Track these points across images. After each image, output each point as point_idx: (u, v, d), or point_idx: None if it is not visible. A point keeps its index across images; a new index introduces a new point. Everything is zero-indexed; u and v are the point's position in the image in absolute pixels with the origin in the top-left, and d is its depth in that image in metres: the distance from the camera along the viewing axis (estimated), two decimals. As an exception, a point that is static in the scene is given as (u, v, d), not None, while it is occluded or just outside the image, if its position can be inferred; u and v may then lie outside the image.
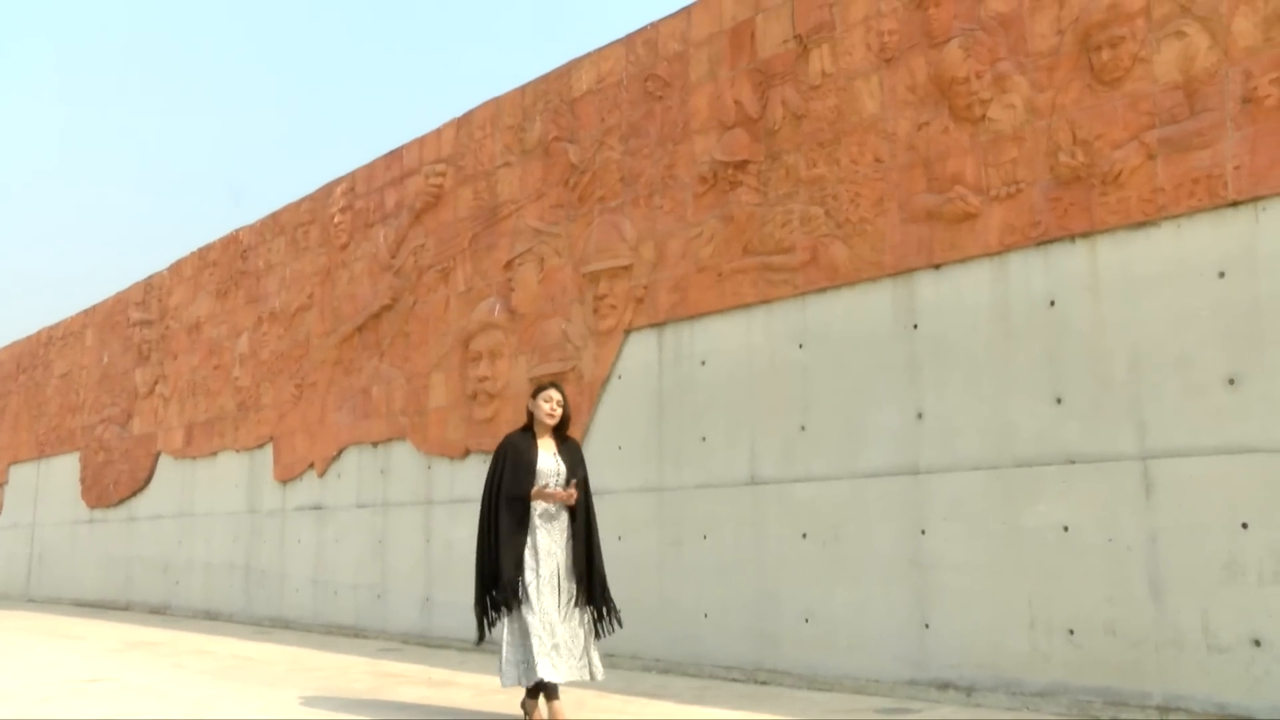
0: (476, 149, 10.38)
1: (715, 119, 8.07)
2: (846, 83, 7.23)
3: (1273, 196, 5.36)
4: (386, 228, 11.43)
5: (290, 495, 12.63)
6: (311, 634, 11.57)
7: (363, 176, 11.99)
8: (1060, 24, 6.20)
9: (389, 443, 11.11)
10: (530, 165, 9.72)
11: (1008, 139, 6.35)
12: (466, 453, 10.05)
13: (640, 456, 8.37)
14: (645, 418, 8.39)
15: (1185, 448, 5.54)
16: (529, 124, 9.79)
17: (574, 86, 9.38)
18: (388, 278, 11.29)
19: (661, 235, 8.36)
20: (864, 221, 6.98)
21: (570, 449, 6.13)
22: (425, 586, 10.42)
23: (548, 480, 5.91)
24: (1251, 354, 5.37)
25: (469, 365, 10.05)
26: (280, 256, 13.28)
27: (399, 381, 10.99)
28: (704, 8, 8.32)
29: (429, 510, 10.49)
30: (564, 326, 9.11)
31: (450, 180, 10.65)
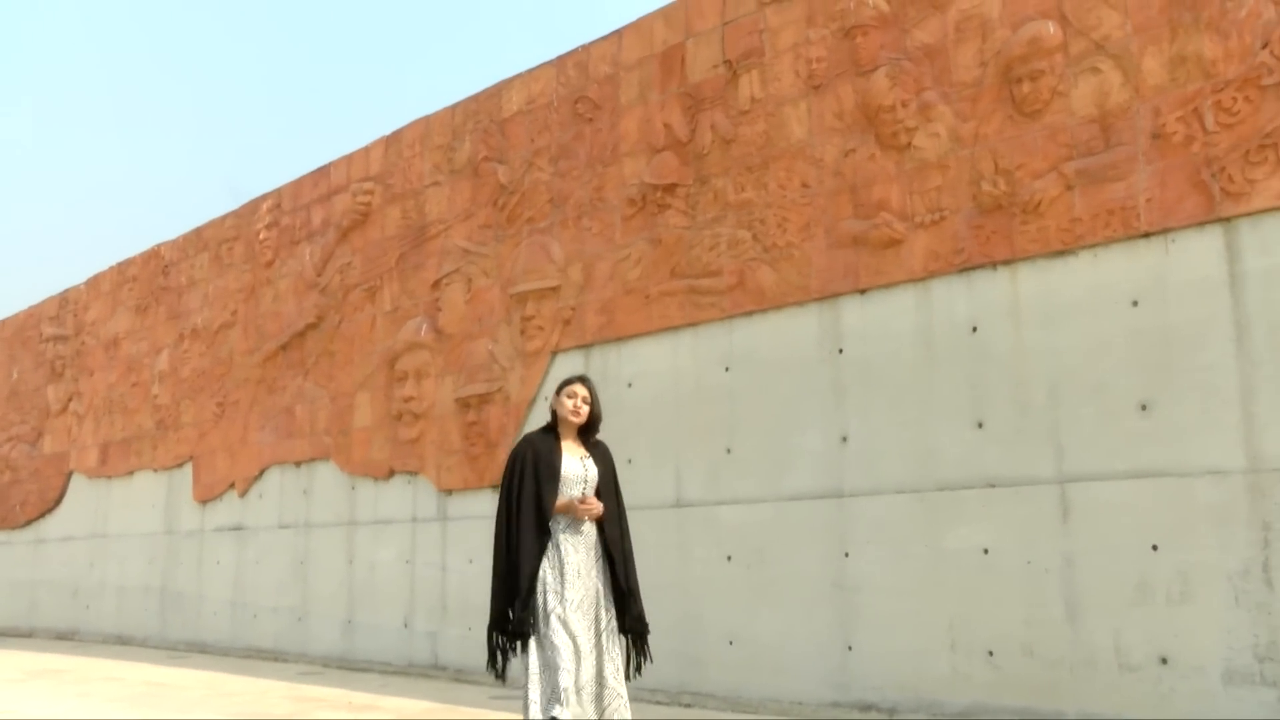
0: (405, 168, 10.31)
1: (645, 142, 8.11)
2: (775, 108, 7.31)
3: (1182, 229, 5.52)
4: (313, 245, 11.29)
5: (210, 516, 12.37)
6: (229, 658, 11.32)
7: (289, 193, 11.84)
8: (983, 56, 6.34)
9: (312, 463, 10.94)
10: (459, 185, 9.68)
11: (932, 167, 6.47)
12: (391, 473, 9.93)
13: (567, 478, 8.32)
14: (572, 439, 8.35)
15: (1100, 472, 5.66)
16: (458, 144, 9.75)
17: (504, 107, 9.36)
18: (313, 296, 11.14)
19: (590, 257, 8.37)
20: (791, 246, 7.06)
21: (601, 453, 5.19)
22: (347, 609, 10.26)
23: (574, 489, 4.98)
24: (1162, 381, 5.51)
25: (394, 385, 9.94)
26: (203, 272, 13.04)
27: (323, 401, 10.84)
28: (635, 31, 8.37)
29: (352, 531, 10.34)
30: (491, 347, 9.06)
31: (378, 199, 10.56)
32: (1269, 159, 5.29)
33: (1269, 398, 5.20)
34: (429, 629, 9.33)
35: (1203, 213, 5.47)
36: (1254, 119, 5.36)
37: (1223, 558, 5.23)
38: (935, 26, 6.59)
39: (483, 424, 9.01)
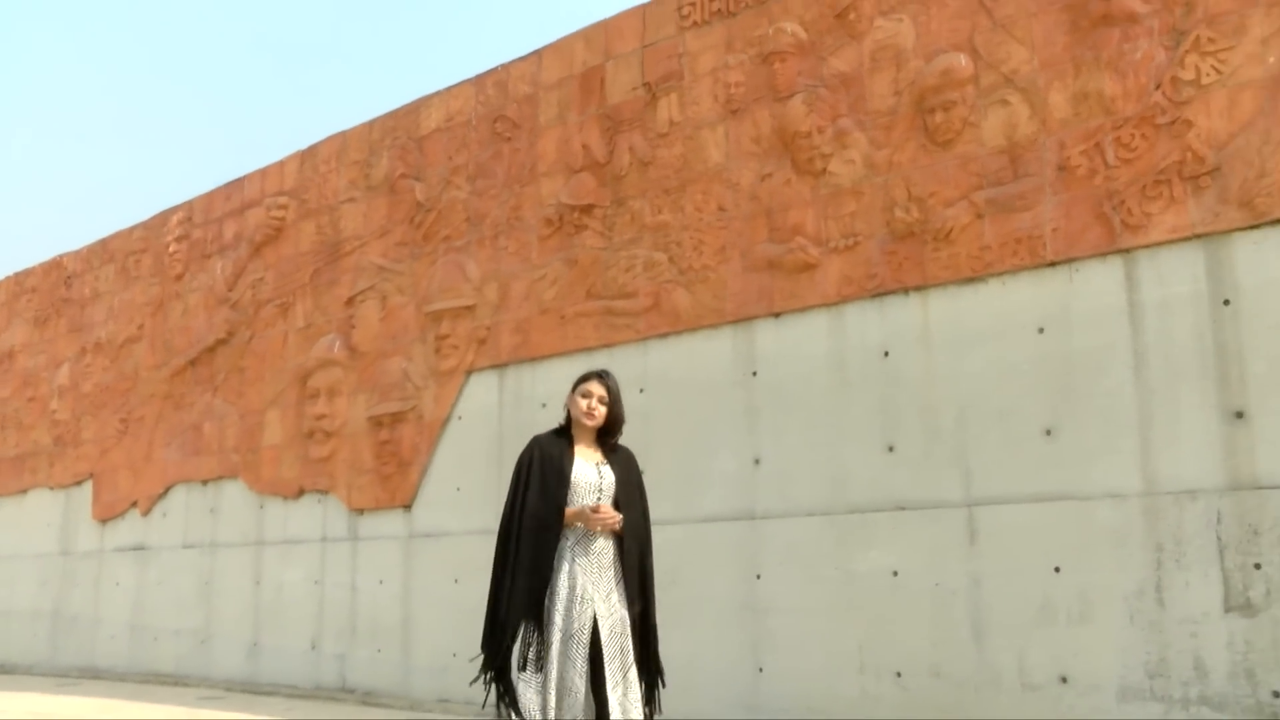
0: (321, 183, 10.17)
1: (563, 162, 8.11)
2: (693, 132, 7.37)
3: (1085, 259, 5.68)
4: (224, 259, 11.07)
5: (110, 535, 12.00)
6: (126, 684, 10.97)
7: (200, 206, 11.60)
8: (898, 85, 6.46)
9: (219, 481, 10.69)
10: (375, 201, 9.58)
11: (847, 193, 6.57)
12: (301, 492, 9.74)
13: (479, 498, 8.25)
14: (485, 459, 8.29)
15: (1006, 495, 5.78)
16: (375, 160, 9.65)
17: (422, 124, 9.30)
18: (224, 311, 10.91)
19: (506, 276, 8.33)
20: (706, 269, 7.10)
21: (622, 460, 4.51)
22: (253, 630, 10.02)
23: (586, 498, 4.31)
24: (1066, 407, 5.64)
25: (306, 403, 9.77)
26: (109, 285, 12.70)
27: (232, 418, 10.61)
28: (555, 52, 8.39)
29: (260, 551, 10.11)
30: (405, 366, 8.96)
31: (292, 213, 10.40)
32: (1164, 194, 5.47)
33: (1164, 424, 5.36)
34: (337, 651, 9.16)
35: (1104, 244, 5.63)
36: (1150, 155, 5.54)
37: (1120, 579, 5.36)
38: (851, 55, 6.70)
39: (395, 443, 8.90)
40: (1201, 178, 5.38)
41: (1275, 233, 5.19)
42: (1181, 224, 5.42)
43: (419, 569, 8.60)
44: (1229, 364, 5.25)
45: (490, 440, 8.29)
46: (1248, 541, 5.07)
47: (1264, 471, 5.08)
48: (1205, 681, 5.09)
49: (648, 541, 4.46)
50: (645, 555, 4.42)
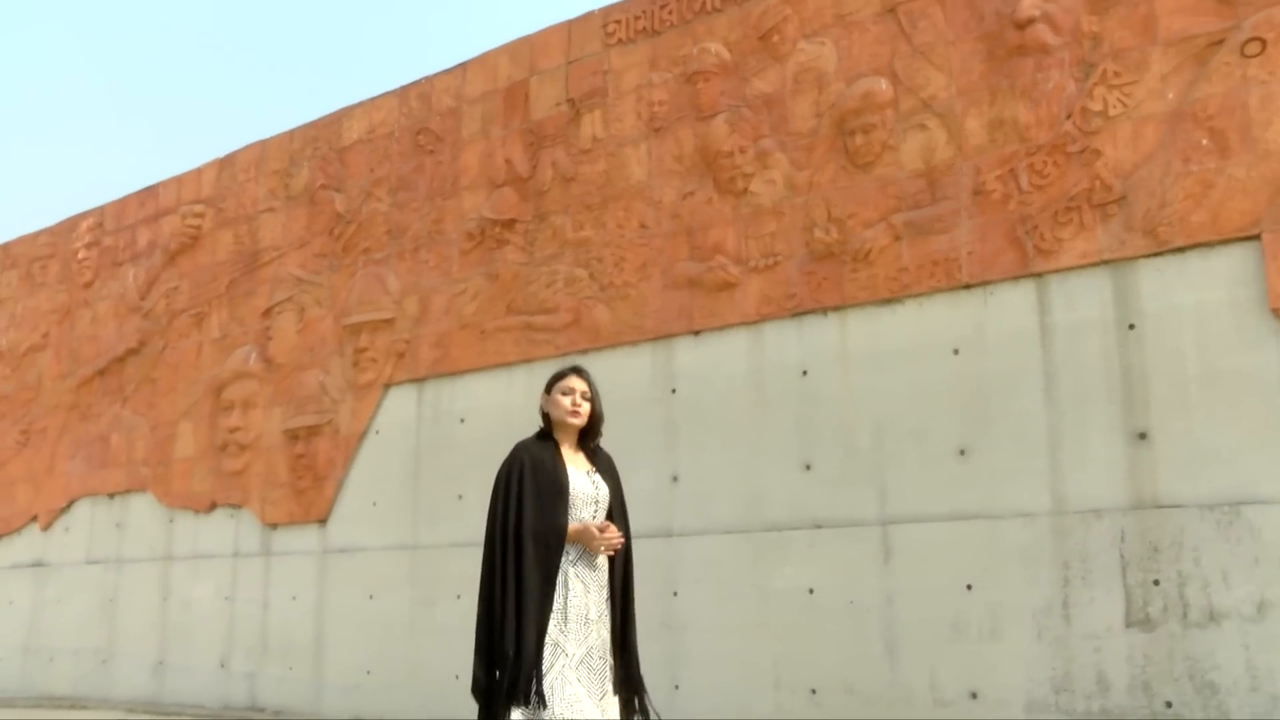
0: (239, 192, 10.00)
1: (485, 176, 8.07)
2: (616, 149, 7.38)
3: (999, 282, 5.80)
4: (137, 267, 10.81)
5: (4, 552, 11.61)
6: (15, 708, 10.59)
7: (112, 212, 11.32)
8: (819, 108, 6.55)
9: (127, 494, 10.40)
10: (295, 212, 9.44)
11: (767, 213, 6.63)
12: (213, 506, 9.52)
13: (395, 513, 8.16)
14: (402, 474, 8.20)
15: (920, 514, 5.86)
16: (295, 170, 9.52)
17: (344, 135, 9.20)
18: (135, 320, 10.65)
19: (426, 290, 8.26)
20: (627, 286, 7.12)
21: (605, 465, 4.17)
22: (159, 649, 9.75)
23: (583, 512, 3.95)
24: (979, 427, 5.74)
25: (220, 415, 9.57)
26: (11, 291, 12.31)
27: (142, 430, 10.35)
28: (480, 65, 8.36)
29: (168, 566, 9.86)
30: (322, 378, 8.82)
31: (209, 222, 10.20)
32: (1074, 220, 5.61)
33: (1073, 444, 5.48)
34: (247, 669, 8.96)
35: (1018, 267, 5.75)
36: (1061, 182, 5.68)
37: (1028, 596, 5.46)
38: (774, 77, 6.78)
39: (311, 456, 8.75)
40: (1109, 206, 5.53)
41: (1176, 260, 5.35)
42: (1090, 250, 5.56)
43: (333, 585, 8.46)
44: (1134, 386, 5.39)
45: (408, 455, 8.20)
46: (1148, 559, 5.20)
47: (1164, 491, 5.22)
48: (1106, 695, 5.20)
49: (630, 559, 4.11)
50: (629, 570, 4.09)
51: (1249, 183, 5.19)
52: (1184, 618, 5.08)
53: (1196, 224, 5.30)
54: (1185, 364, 5.27)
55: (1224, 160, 5.26)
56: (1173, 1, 5.52)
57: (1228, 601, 4.99)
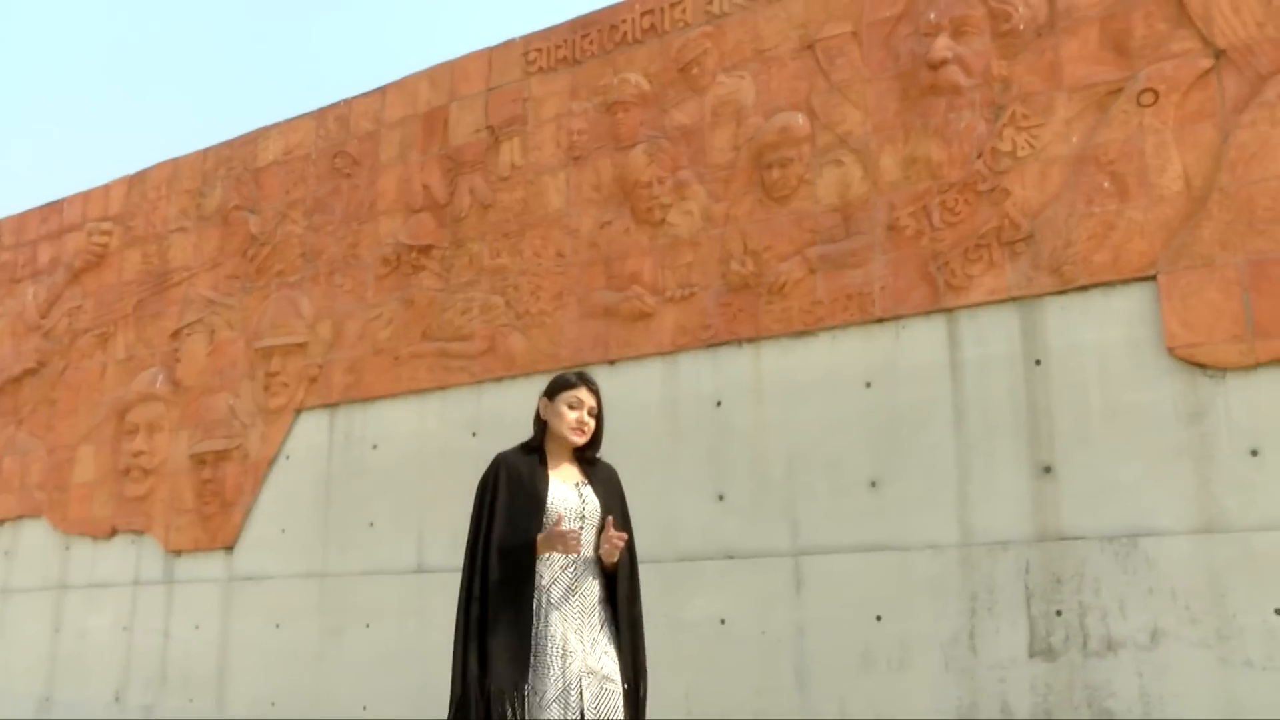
0: (149, 210, 9.78)
1: (402, 201, 8.01)
2: (535, 177, 7.38)
3: (911, 316, 5.90)
4: (38, 285, 10.50)
5: (-104, 577, 11.13)
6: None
7: (11, 227, 10.99)
8: (737, 140, 6.62)
9: (19, 520, 10.04)
10: (207, 232, 9.26)
11: (684, 244, 6.67)
12: (113, 532, 9.24)
13: (304, 540, 8.00)
14: (312, 500, 8.05)
15: (831, 545, 5.91)
16: (209, 189, 9.35)
17: (259, 155, 9.06)
18: (35, 339, 10.33)
19: (340, 315, 8.16)
20: (543, 314, 7.10)
21: (604, 478, 3.85)
22: (46, 684, 9.41)
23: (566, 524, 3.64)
24: (890, 459, 5.82)
25: (124, 438, 9.31)
26: (-93, 308, 11.88)
27: (38, 453, 10.02)
28: (399, 89, 8.31)
29: (62, 596, 9.54)
30: (232, 402, 8.65)
31: (117, 240, 9.96)
32: (984, 257, 5.73)
33: (980, 477, 5.58)
34: (144, 702, 8.69)
35: (929, 303, 5.86)
36: (972, 220, 5.81)
37: (937, 627, 5.54)
38: (693, 109, 6.84)
39: (218, 482, 8.56)
40: (1017, 244, 5.66)
41: (1080, 299, 5.49)
42: (999, 287, 5.69)
43: (239, 613, 8.26)
44: (1039, 421, 5.51)
45: (318, 481, 8.06)
46: (1051, 590, 5.31)
47: (1067, 523, 5.33)
48: (1013, 727, 5.29)
49: (637, 583, 3.72)
50: (635, 603, 3.70)
51: (1146, 225, 5.35)
52: (1084, 647, 5.19)
53: (1099, 264, 5.45)
54: (1088, 399, 5.41)
55: (1123, 203, 5.43)
56: (1076, 50, 5.69)
57: (1124, 631, 5.11)
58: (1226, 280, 5.13)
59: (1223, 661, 4.88)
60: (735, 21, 6.82)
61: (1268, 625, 4.82)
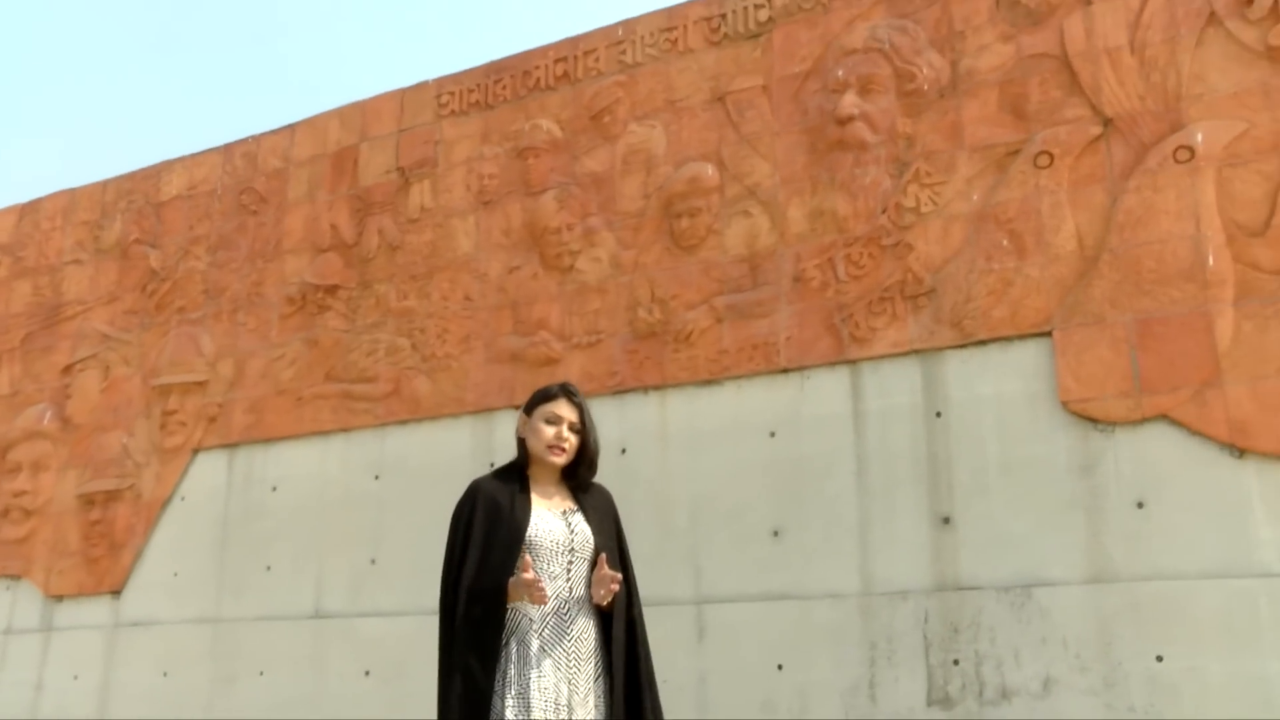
0: (42, 240, 9.49)
1: (309, 240, 7.91)
2: (444, 219, 7.35)
3: (815, 367, 5.98)
4: (-78, 316, 10.11)
5: None
6: None
7: (-101, 257, 10.57)
8: (647, 189, 6.68)
9: (-106, 562, 9.57)
10: (104, 266, 9.02)
11: (592, 290, 6.69)
12: (-11, 576, 8.84)
13: (197, 584, 7.76)
14: (207, 543, 7.82)
15: (734, 594, 5.91)
16: (108, 222, 9.12)
17: (163, 190, 8.88)
18: (-83, 372, 9.92)
19: (243, 353, 7.99)
20: (449, 358, 7.05)
21: (598, 505, 3.40)
22: (-83, 733, 8.94)
23: (551, 561, 3.19)
24: (793, 509, 5.87)
25: (5, 478, 8.96)
26: None
27: (-84, 491, 9.59)
28: (309, 128, 8.23)
29: (-64, 642, 9.08)
30: (125, 441, 8.39)
31: (6, 270, 9.63)
32: (887, 310, 5.85)
33: (881, 527, 5.65)
34: (18, 755, 8.30)
35: (833, 354, 5.95)
36: (876, 274, 5.93)
37: (837, 676, 5.56)
38: (604, 156, 6.89)
39: (107, 523, 8.27)
40: (919, 298, 5.79)
41: (979, 353, 5.63)
42: (901, 339, 5.80)
43: (123, 662, 7.95)
44: (939, 472, 5.61)
45: (214, 523, 7.84)
46: (949, 639, 5.38)
47: (965, 573, 5.42)
48: (910, 777, 5.32)
49: (641, 624, 3.29)
50: (640, 641, 3.26)
51: (1042, 282, 5.52)
52: (980, 696, 5.26)
53: (997, 319, 5.59)
54: (986, 451, 5.52)
55: (1021, 260, 5.59)
56: (977, 111, 5.88)
57: (1018, 679, 5.20)
58: (1116, 338, 5.31)
59: (1109, 708, 4.99)
60: (648, 71, 6.90)
61: (1150, 672, 4.95)
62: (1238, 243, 5.18)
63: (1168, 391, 5.15)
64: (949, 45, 6.05)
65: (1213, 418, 5.05)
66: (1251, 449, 4.97)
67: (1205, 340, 5.13)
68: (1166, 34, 5.52)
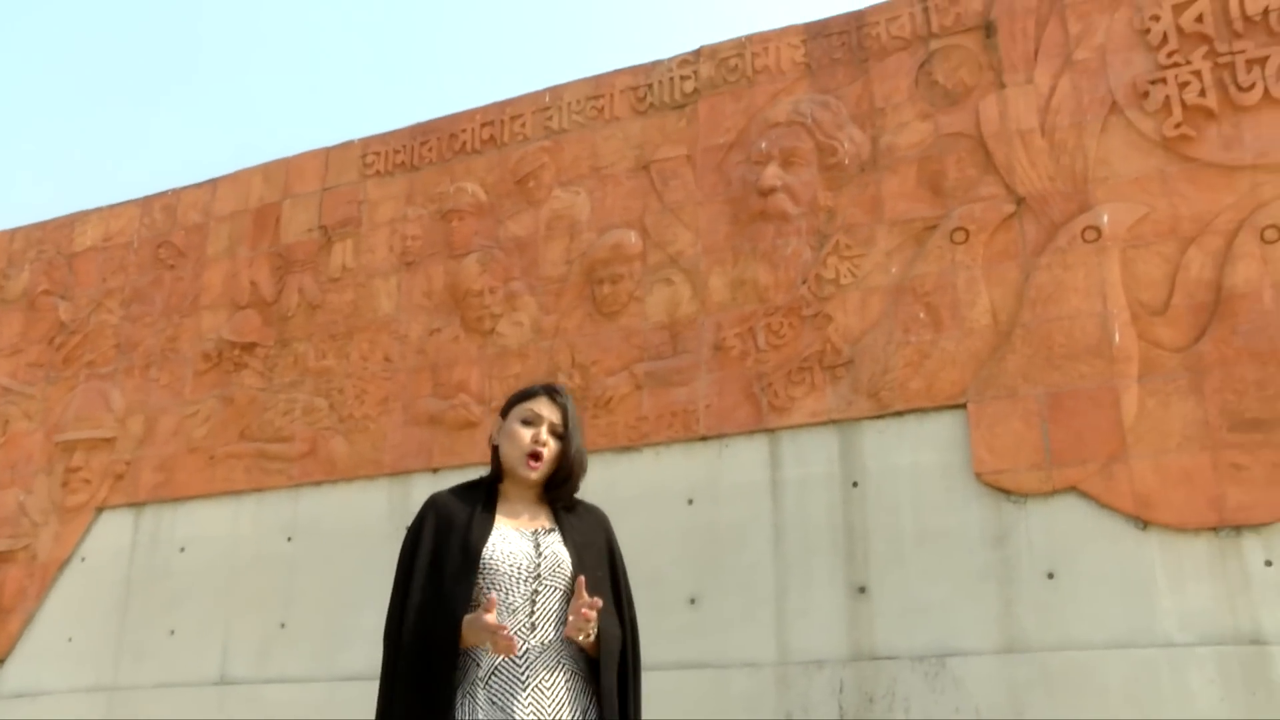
0: (-53, 290, 9.22)
1: (228, 297, 7.79)
2: (366, 280, 7.30)
3: (734, 435, 6.01)
4: None
5: None
6: None
7: None
8: (570, 255, 6.71)
9: None
10: (9, 316, 8.77)
11: (513, 354, 6.67)
12: None
13: (94, 650, 7.47)
14: (107, 606, 7.55)
15: (649, 662, 5.77)
16: (14, 271, 8.89)
17: (76, 240, 8.69)
18: None
19: (154, 410, 7.81)
20: (367, 418, 6.97)
21: (583, 527, 2.84)
22: None
23: (513, 591, 2.59)
24: (710, 577, 5.86)
25: (-103, 535, 8.59)
26: None
27: None
28: (231, 183, 8.14)
29: None
30: (22, 499, 8.10)
31: (-93, 321, 9.33)
32: (806, 380, 5.92)
33: (798, 596, 5.66)
34: (-104, 830, 7.87)
35: (752, 422, 5.99)
36: (795, 344, 6.00)
37: (752, 748, 5.52)
38: (528, 221, 6.91)
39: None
40: (838, 368, 5.87)
41: (895, 423, 5.71)
42: (820, 409, 5.86)
43: (6, 734, 7.59)
44: (855, 542, 5.64)
45: (116, 585, 7.58)
46: (864, 709, 5.38)
47: (880, 643, 5.44)
48: None
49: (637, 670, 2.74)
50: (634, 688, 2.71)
51: (958, 355, 5.63)
52: (894, 769, 5.25)
53: (914, 390, 5.68)
54: (901, 522, 5.58)
55: (937, 333, 5.70)
56: (896, 187, 6.02)
57: (933, 752, 5.21)
58: (1028, 410, 5.42)
59: (1022, 782, 5.02)
60: (573, 138, 6.96)
61: (1062, 745, 4.99)
62: (1142, 320, 5.35)
63: (1077, 464, 5.27)
64: (870, 121, 6.20)
65: (1119, 491, 5.17)
66: (1154, 521, 5.09)
67: (1112, 415, 5.27)
68: (1074, 119, 5.72)
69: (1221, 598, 4.93)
